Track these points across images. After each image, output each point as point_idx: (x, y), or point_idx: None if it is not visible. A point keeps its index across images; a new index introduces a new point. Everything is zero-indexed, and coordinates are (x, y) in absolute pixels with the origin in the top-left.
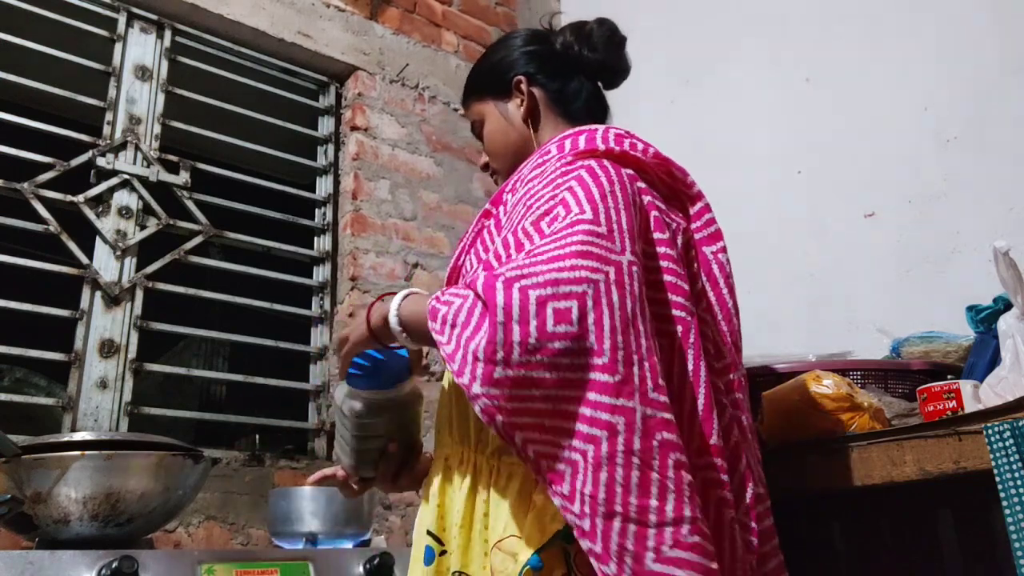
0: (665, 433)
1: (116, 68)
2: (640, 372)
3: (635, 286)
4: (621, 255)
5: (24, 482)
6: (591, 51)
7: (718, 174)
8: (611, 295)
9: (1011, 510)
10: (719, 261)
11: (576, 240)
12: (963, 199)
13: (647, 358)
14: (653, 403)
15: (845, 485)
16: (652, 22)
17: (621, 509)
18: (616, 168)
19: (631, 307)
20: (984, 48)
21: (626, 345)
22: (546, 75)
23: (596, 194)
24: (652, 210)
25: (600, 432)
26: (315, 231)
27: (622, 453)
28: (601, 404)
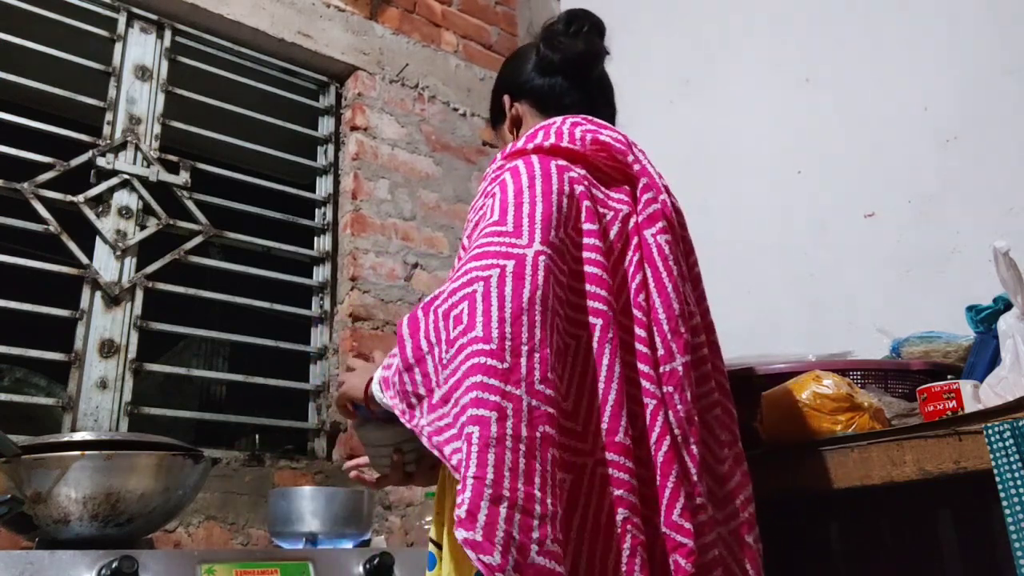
0: (546, 427)
1: (116, 68)
2: (528, 363)
3: (538, 276)
4: (527, 247)
5: (24, 482)
6: (555, 50)
7: (718, 175)
8: (504, 287)
9: (1011, 510)
10: (658, 243)
11: (476, 248)
12: (963, 199)
13: (539, 349)
14: (538, 395)
15: (845, 485)
16: (652, 22)
17: (509, 495)
18: (544, 161)
19: (528, 296)
20: (984, 48)
21: (515, 335)
22: (527, 84)
23: (511, 194)
24: (584, 199)
25: (489, 413)
26: (315, 231)
27: (511, 437)
28: (490, 387)
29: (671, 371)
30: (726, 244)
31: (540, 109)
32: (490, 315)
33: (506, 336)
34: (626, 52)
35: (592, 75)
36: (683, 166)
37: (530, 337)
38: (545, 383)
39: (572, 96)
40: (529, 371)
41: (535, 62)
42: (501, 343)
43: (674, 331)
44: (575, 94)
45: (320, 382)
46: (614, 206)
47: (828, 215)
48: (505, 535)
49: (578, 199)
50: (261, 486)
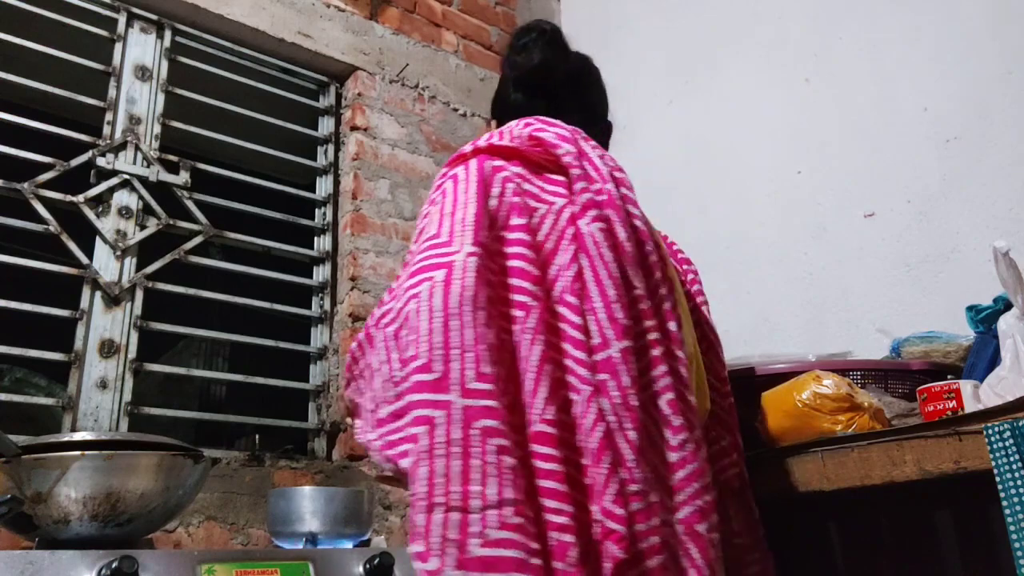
0: (486, 420)
1: (116, 68)
2: (460, 364)
3: (467, 277)
4: (456, 253)
5: (24, 482)
6: (512, 68)
7: (718, 175)
8: (433, 299)
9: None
10: (591, 232)
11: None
12: (963, 199)
13: (471, 348)
14: (473, 392)
15: (845, 485)
16: (651, 22)
17: (443, 499)
18: (479, 164)
19: (457, 299)
20: (984, 48)
21: (446, 342)
22: (500, 105)
23: (448, 204)
24: (515, 196)
25: (420, 428)
26: (315, 231)
27: (442, 444)
28: (422, 402)
29: (606, 359)
30: (726, 244)
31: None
32: (420, 330)
33: (436, 347)
34: (626, 52)
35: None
36: (683, 166)
37: (461, 339)
38: (480, 379)
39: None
40: (461, 372)
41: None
42: (430, 354)
43: (610, 318)
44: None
45: (320, 382)
46: (548, 199)
47: (828, 215)
48: (440, 540)
49: (509, 197)
50: (261, 486)
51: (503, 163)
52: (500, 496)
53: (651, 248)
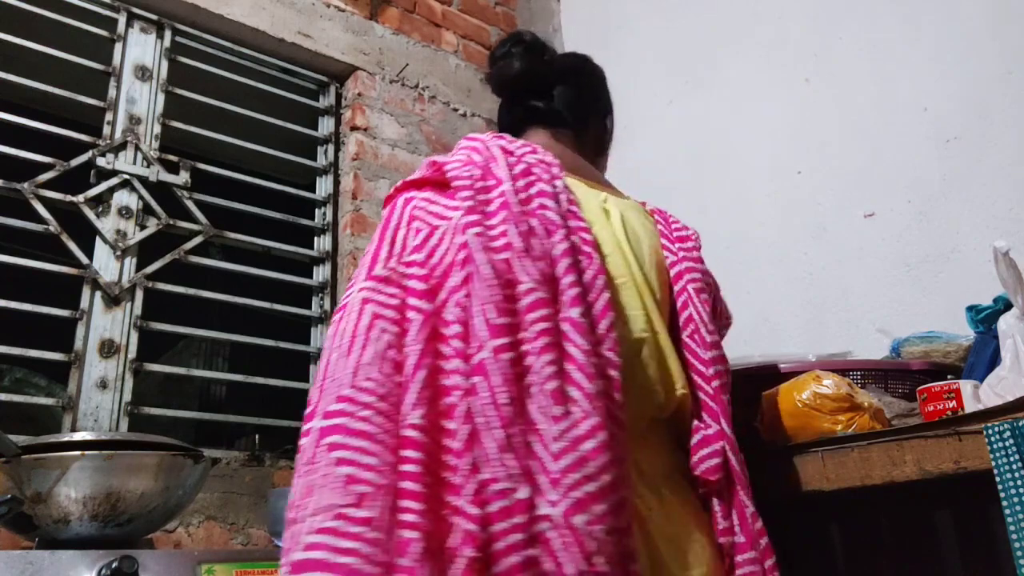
0: (333, 436)
1: (116, 68)
2: (328, 393)
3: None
4: (352, 291)
5: (24, 482)
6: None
7: (717, 175)
8: (333, 340)
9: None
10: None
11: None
12: (963, 199)
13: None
14: (329, 413)
15: (845, 485)
16: (651, 22)
17: (293, 514)
18: (394, 201)
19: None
20: (984, 48)
21: (326, 375)
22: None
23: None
24: (414, 222)
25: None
26: (315, 231)
27: (303, 465)
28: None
29: (479, 361)
30: (726, 244)
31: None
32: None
33: (316, 381)
34: (626, 52)
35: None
36: (683, 166)
37: (334, 369)
38: (339, 400)
39: (506, 118)
40: (326, 398)
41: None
42: (315, 390)
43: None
44: (509, 116)
45: None
46: (449, 214)
47: (828, 215)
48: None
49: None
50: (261, 486)
51: (415, 193)
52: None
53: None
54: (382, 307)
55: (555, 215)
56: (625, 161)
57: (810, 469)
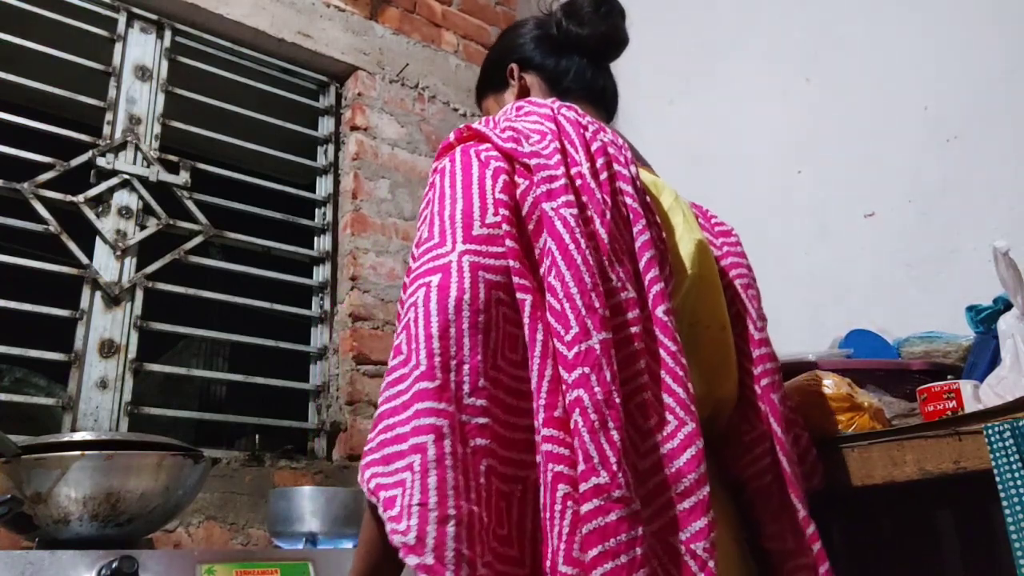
0: (479, 439)
1: (116, 68)
2: (457, 377)
3: (464, 280)
4: (451, 253)
5: (24, 482)
6: (579, 26)
7: (718, 174)
8: (429, 304)
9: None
10: (561, 216)
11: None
12: (963, 199)
13: (468, 359)
14: (468, 408)
15: (845, 485)
16: (652, 23)
17: (455, 512)
18: (464, 151)
19: (454, 305)
20: (984, 48)
21: (443, 351)
22: (539, 58)
23: (436, 202)
24: (500, 175)
25: (426, 437)
26: (315, 231)
27: (450, 455)
28: (424, 410)
29: (587, 350)
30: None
31: (550, 85)
32: (418, 339)
33: (435, 353)
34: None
35: (610, 61)
36: (683, 166)
37: (458, 349)
38: (475, 394)
39: (583, 78)
40: (458, 385)
41: (552, 37)
42: (430, 361)
43: (588, 306)
44: (588, 77)
45: (320, 382)
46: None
47: (828, 215)
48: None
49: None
50: (261, 486)
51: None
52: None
53: (643, 227)
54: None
55: (635, 203)
56: None
57: None
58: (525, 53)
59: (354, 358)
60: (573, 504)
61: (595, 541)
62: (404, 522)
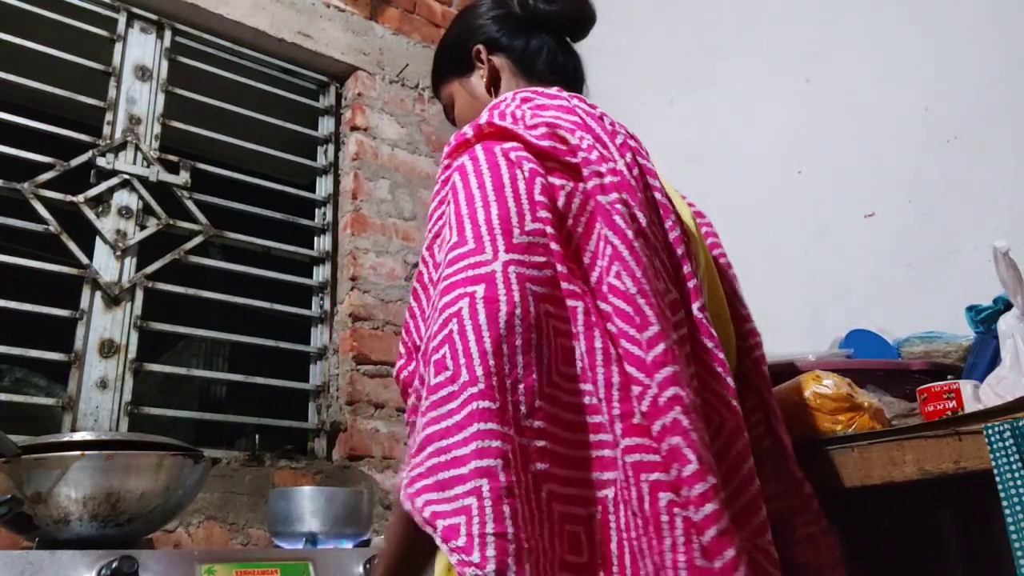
0: (539, 463)
1: (116, 68)
2: (514, 398)
3: (513, 293)
4: (493, 261)
5: (24, 482)
6: (547, 3)
7: (718, 175)
8: (477, 317)
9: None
10: (619, 212)
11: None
12: (963, 199)
13: (523, 379)
14: (527, 431)
15: (845, 485)
16: (652, 22)
17: (529, 544)
18: (488, 149)
19: (506, 320)
20: (984, 48)
21: (499, 369)
22: (506, 39)
23: (463, 203)
24: (536, 177)
25: (494, 462)
26: (315, 231)
27: (518, 484)
28: (487, 432)
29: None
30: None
31: (521, 68)
32: (471, 354)
33: (491, 373)
34: (626, 52)
35: (578, 40)
36: (683, 166)
37: (512, 367)
38: (533, 415)
39: (555, 60)
40: (515, 407)
41: (517, 16)
42: (488, 381)
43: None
44: (559, 58)
45: (320, 382)
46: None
47: (828, 215)
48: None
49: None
50: (261, 486)
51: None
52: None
53: (673, 222)
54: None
55: (663, 197)
56: None
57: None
58: (490, 34)
59: (354, 358)
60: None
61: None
62: (476, 553)
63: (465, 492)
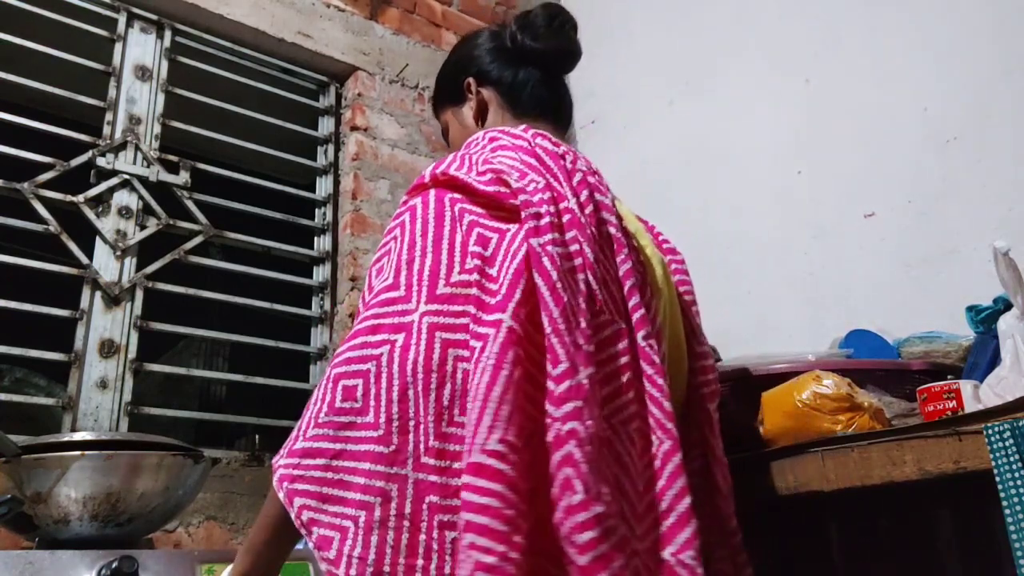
0: (432, 496)
1: (116, 68)
2: (415, 438)
3: (420, 343)
4: (413, 312)
5: (24, 482)
6: (533, 39)
7: (718, 175)
8: (392, 366)
9: (1011, 510)
10: (548, 253)
11: (371, 314)
12: (963, 199)
13: (422, 421)
14: (424, 467)
15: (845, 485)
16: (651, 23)
17: (389, 569)
18: (438, 198)
19: (412, 368)
20: (984, 48)
21: (402, 414)
22: (496, 71)
23: (405, 246)
24: (474, 228)
25: (374, 499)
26: (315, 231)
27: (394, 517)
28: (375, 473)
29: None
30: (726, 244)
31: (508, 100)
32: (380, 399)
33: (393, 419)
34: (626, 53)
35: (564, 73)
36: (683, 166)
37: (416, 411)
38: (428, 453)
39: (540, 94)
40: (415, 445)
41: (507, 49)
42: (388, 427)
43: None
44: (544, 92)
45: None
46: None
47: (828, 215)
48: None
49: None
50: (261, 486)
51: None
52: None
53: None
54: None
55: (617, 231)
56: (626, 162)
57: (810, 469)
58: (482, 66)
59: None
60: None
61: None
62: (343, 568)
63: (347, 515)
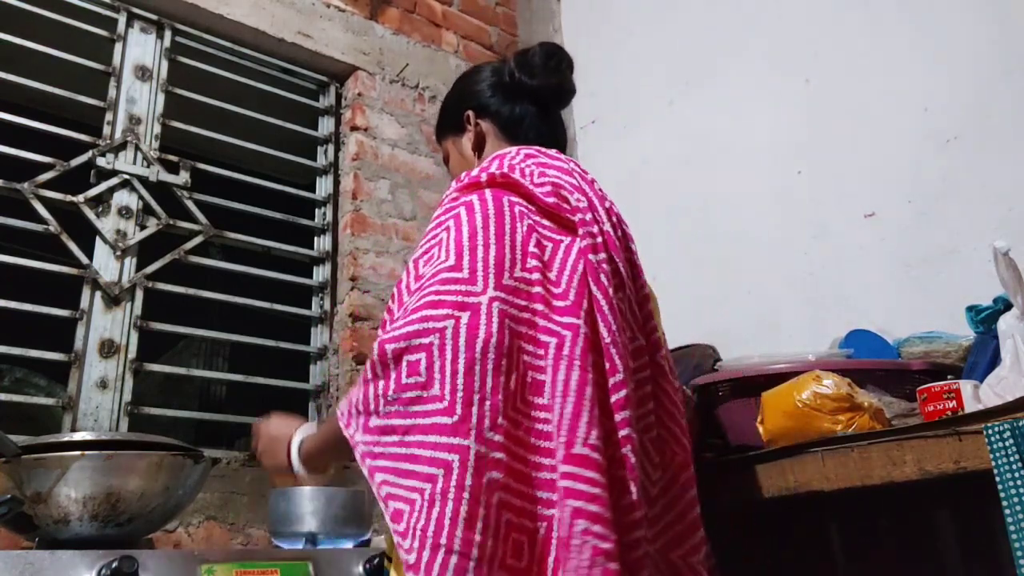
0: (494, 472)
1: (116, 68)
2: (479, 411)
3: (492, 324)
4: (481, 295)
5: (24, 482)
6: (530, 77)
7: (718, 174)
8: (458, 340)
9: (1011, 510)
10: (604, 271)
11: (431, 291)
12: (963, 199)
13: (490, 397)
14: (488, 443)
15: (845, 485)
16: (652, 23)
17: (446, 542)
18: (497, 197)
19: (481, 346)
20: (984, 48)
21: (467, 387)
22: (495, 105)
23: (465, 234)
24: (532, 232)
25: (437, 470)
26: (315, 231)
27: (455, 488)
28: (440, 445)
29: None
30: (726, 244)
31: (505, 133)
32: (444, 371)
33: (458, 389)
34: (627, 53)
35: (559, 110)
36: (683, 166)
37: (482, 386)
38: (495, 429)
39: (538, 127)
40: (479, 419)
41: (506, 85)
42: (453, 397)
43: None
44: (541, 126)
45: (320, 382)
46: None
47: (828, 215)
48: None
49: (526, 233)
50: (261, 486)
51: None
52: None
53: (643, 280)
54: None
55: (637, 258)
56: (626, 161)
57: (810, 469)
58: (481, 100)
59: (354, 358)
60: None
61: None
62: (408, 541)
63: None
